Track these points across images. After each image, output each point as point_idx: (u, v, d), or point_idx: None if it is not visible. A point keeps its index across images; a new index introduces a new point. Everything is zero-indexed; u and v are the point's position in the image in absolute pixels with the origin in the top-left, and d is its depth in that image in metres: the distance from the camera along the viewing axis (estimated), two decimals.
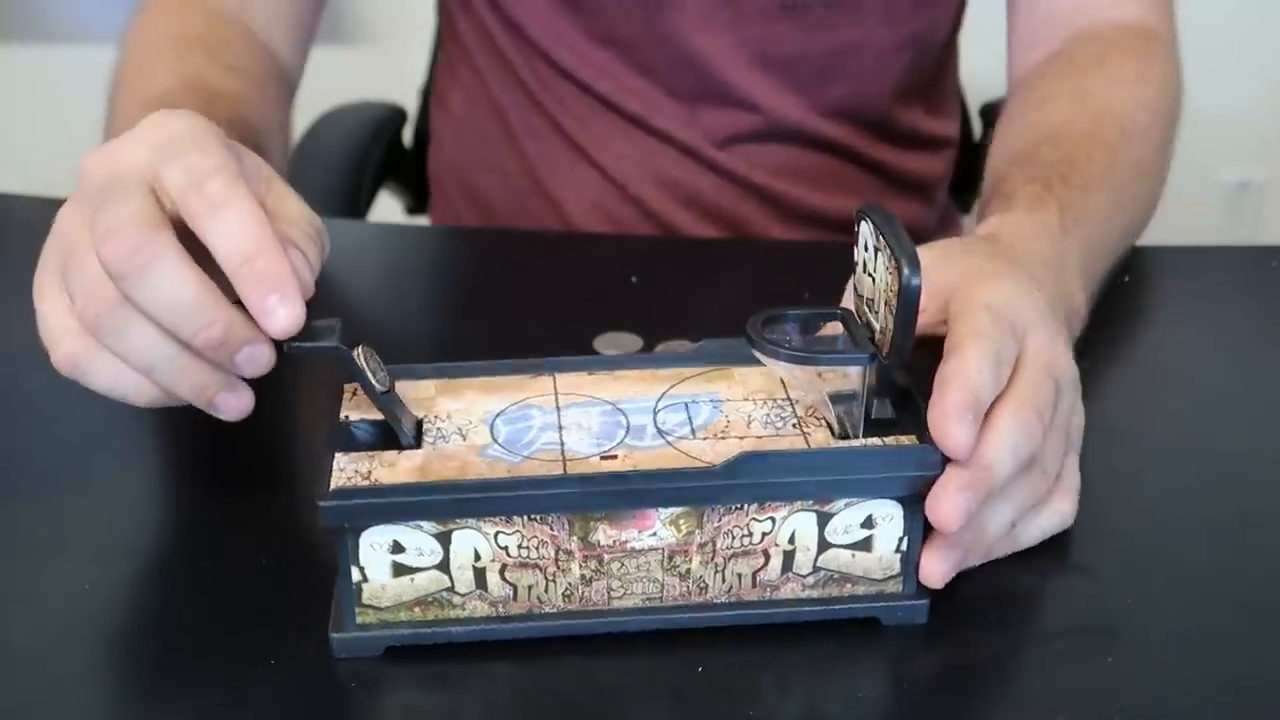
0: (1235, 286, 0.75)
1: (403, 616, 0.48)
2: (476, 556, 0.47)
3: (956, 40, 0.99)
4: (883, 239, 0.47)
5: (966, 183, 1.11)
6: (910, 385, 0.50)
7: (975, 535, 0.50)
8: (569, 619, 0.49)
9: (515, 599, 0.48)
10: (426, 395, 0.52)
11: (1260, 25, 1.79)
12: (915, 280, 0.46)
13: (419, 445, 0.49)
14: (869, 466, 0.48)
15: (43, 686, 0.48)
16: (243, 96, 0.73)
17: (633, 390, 0.52)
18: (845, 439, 0.49)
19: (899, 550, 0.49)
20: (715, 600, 0.49)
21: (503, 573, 0.48)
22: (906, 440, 0.49)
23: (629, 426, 0.50)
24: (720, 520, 0.47)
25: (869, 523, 0.48)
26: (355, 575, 0.47)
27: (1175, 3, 0.85)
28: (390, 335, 0.52)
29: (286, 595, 0.51)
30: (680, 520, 0.47)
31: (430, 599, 0.48)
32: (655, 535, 0.47)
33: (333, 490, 0.46)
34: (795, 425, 0.50)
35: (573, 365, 0.54)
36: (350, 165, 1.09)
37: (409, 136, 1.18)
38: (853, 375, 0.50)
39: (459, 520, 0.47)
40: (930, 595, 0.50)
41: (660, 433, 0.50)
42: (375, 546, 0.47)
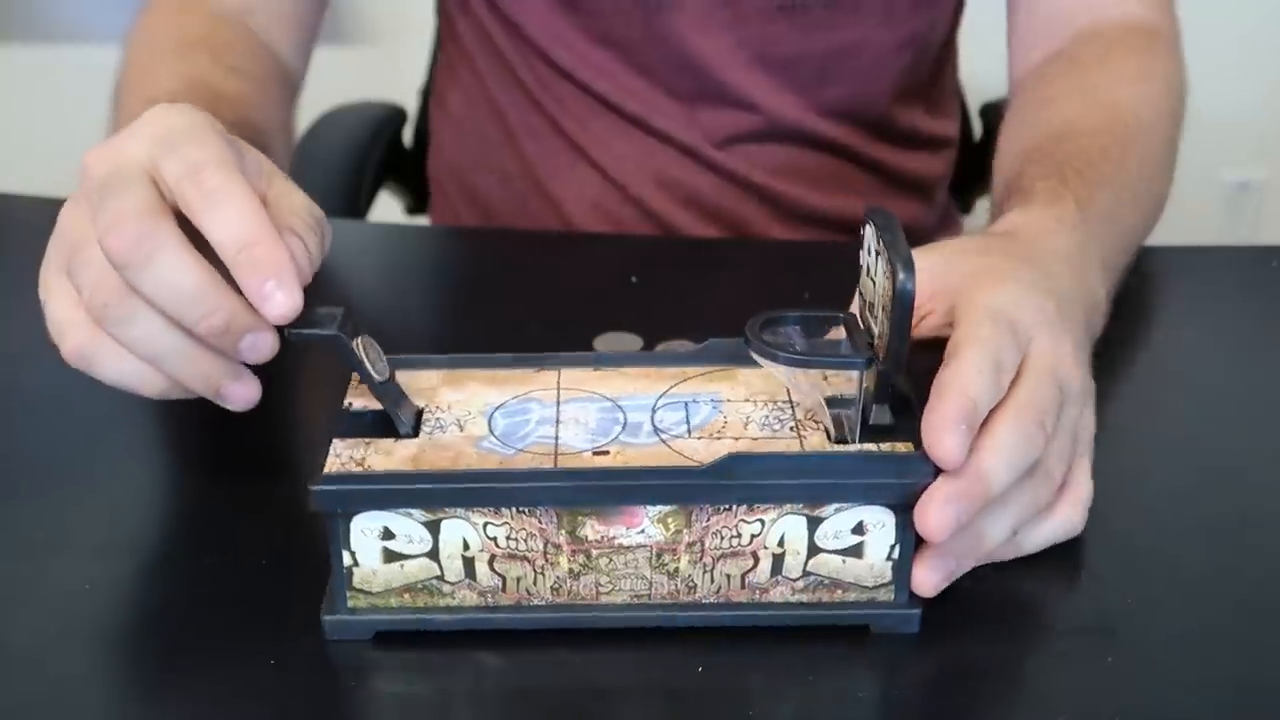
0: (1235, 286, 0.75)
1: (393, 602, 0.49)
2: (465, 546, 0.48)
3: (955, 39, 0.99)
4: (882, 242, 0.47)
5: (967, 183, 1.11)
6: (910, 391, 0.50)
7: (971, 545, 0.50)
8: (557, 612, 0.49)
9: (504, 590, 0.49)
10: (430, 385, 0.53)
11: (1260, 25, 1.79)
12: (909, 285, 0.45)
13: (416, 434, 0.50)
14: (858, 472, 0.47)
15: (43, 686, 0.48)
16: (246, 97, 0.73)
17: (635, 387, 0.52)
18: (842, 444, 0.49)
19: (890, 558, 0.48)
20: (704, 600, 0.49)
21: (491, 563, 0.48)
22: (903, 447, 0.48)
23: (626, 423, 0.50)
24: (709, 520, 0.47)
25: (859, 529, 0.48)
26: (347, 560, 0.48)
27: (1176, 0, 0.85)
28: (390, 335, 0.52)
29: (288, 587, 0.51)
30: (668, 519, 0.47)
31: (420, 586, 0.49)
32: (643, 533, 0.47)
33: (324, 475, 0.47)
34: (793, 429, 0.50)
35: (579, 361, 0.54)
36: (350, 165, 1.09)
37: (409, 136, 1.18)
38: (854, 380, 0.49)
39: (447, 509, 0.47)
40: (923, 605, 0.49)
41: (656, 431, 0.50)
42: (366, 532, 0.48)
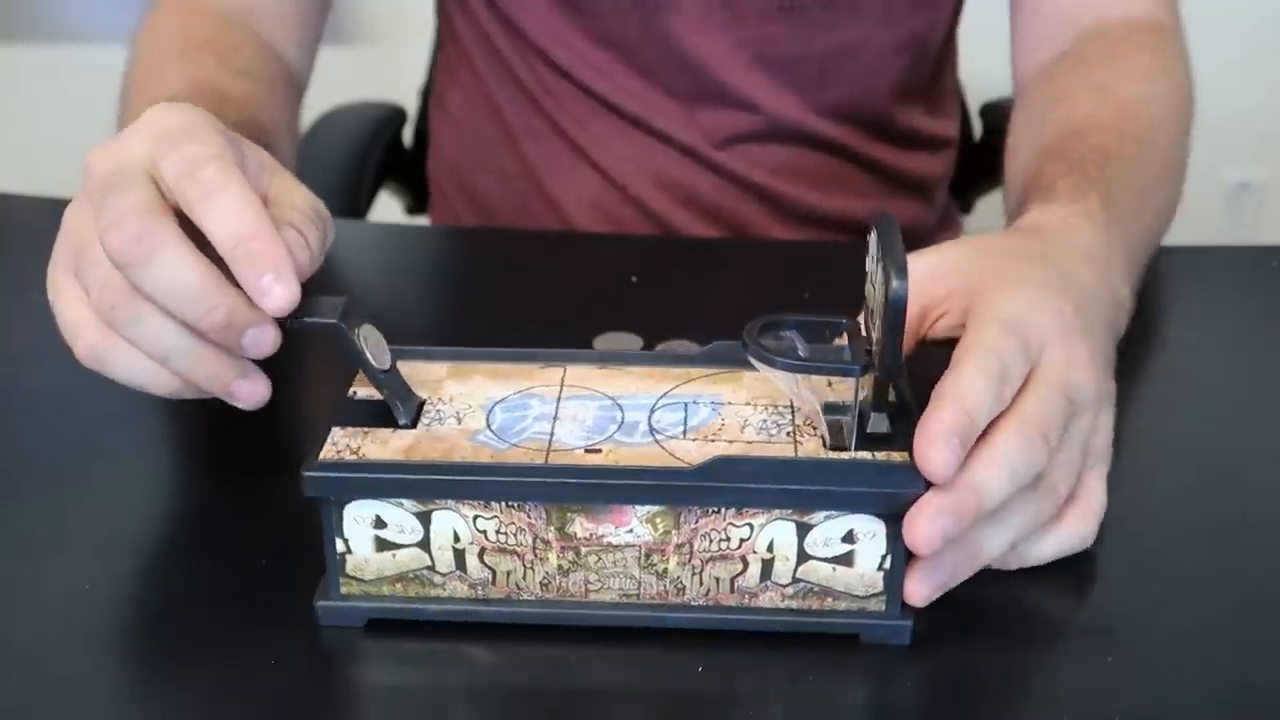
0: (1235, 286, 0.75)
1: (385, 591, 0.49)
2: (456, 538, 0.48)
3: (954, 39, 0.99)
4: (879, 248, 0.47)
5: (966, 183, 1.11)
6: (912, 397, 0.50)
7: (966, 558, 0.49)
8: (547, 607, 0.49)
9: (494, 583, 0.49)
10: (436, 377, 0.53)
11: (1260, 25, 1.79)
12: (902, 291, 0.44)
13: (415, 425, 0.50)
14: (846, 480, 0.47)
15: (43, 686, 0.48)
16: (251, 99, 0.73)
17: (637, 387, 0.52)
18: (840, 451, 0.48)
19: (882, 568, 0.48)
20: (693, 602, 0.49)
21: (482, 556, 0.48)
22: (898, 456, 0.47)
23: (622, 422, 0.50)
24: (697, 522, 0.47)
25: (850, 537, 0.47)
26: (340, 546, 0.49)
27: None
28: (390, 335, 0.52)
29: (289, 585, 0.51)
30: (657, 519, 0.47)
31: (411, 576, 0.49)
32: (632, 532, 0.48)
33: (317, 462, 0.48)
34: (790, 434, 0.49)
35: (586, 358, 0.54)
36: (350, 165, 1.09)
37: (409, 136, 1.18)
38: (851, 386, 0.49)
39: (438, 501, 0.48)
40: (915, 617, 0.49)
41: (652, 430, 0.50)
42: (359, 520, 0.48)
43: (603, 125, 0.91)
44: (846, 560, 0.48)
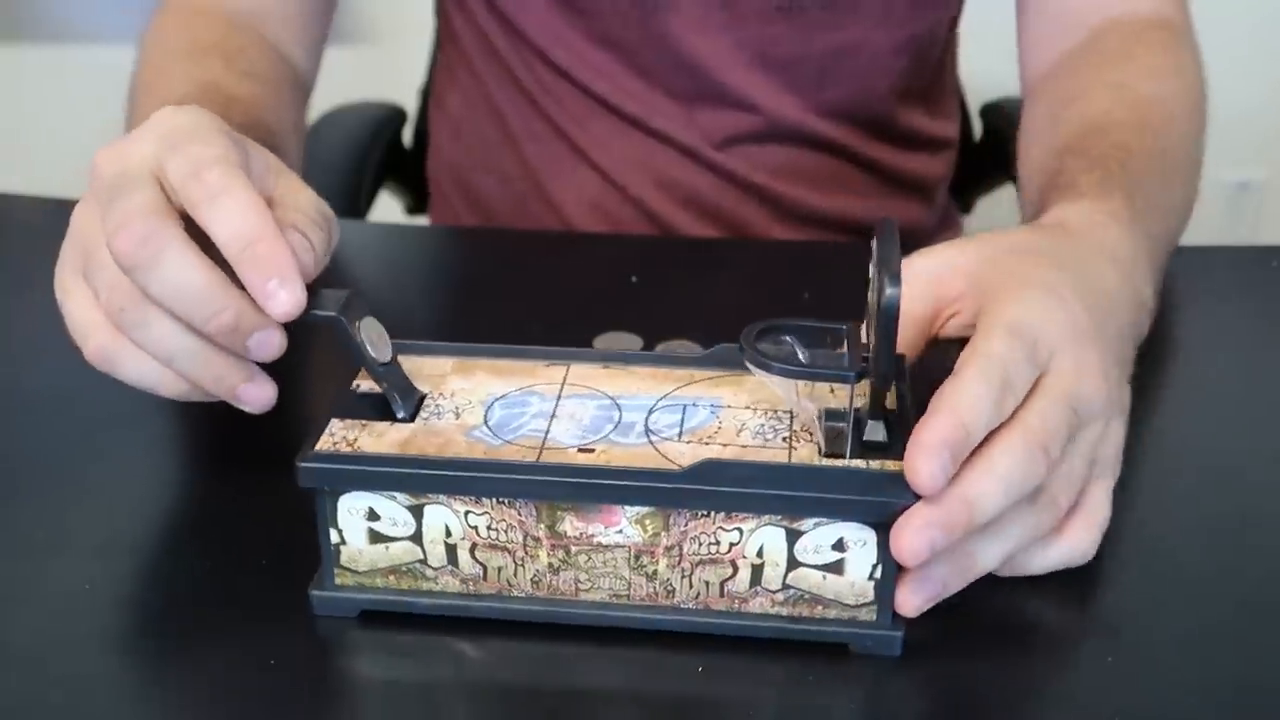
0: (1235, 286, 0.75)
1: (379, 583, 0.50)
2: (448, 533, 0.48)
3: (955, 40, 0.99)
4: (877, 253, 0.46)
5: (967, 183, 1.11)
6: (911, 405, 0.49)
7: (959, 569, 0.48)
8: (537, 605, 0.49)
9: (485, 579, 0.49)
10: (440, 372, 0.53)
11: (1260, 25, 1.79)
12: (895, 298, 0.44)
13: (413, 419, 0.50)
14: (835, 487, 0.46)
15: (43, 686, 0.48)
16: (258, 100, 0.74)
17: (638, 387, 0.52)
18: (836, 458, 0.48)
19: (873, 578, 0.47)
20: (682, 605, 0.49)
21: (473, 551, 0.49)
22: (892, 465, 0.46)
23: (619, 422, 0.50)
24: (686, 525, 0.47)
25: (840, 545, 0.47)
26: (334, 537, 0.49)
27: None
28: (389, 335, 0.52)
29: (291, 584, 0.51)
30: (646, 520, 0.47)
31: (404, 569, 0.49)
32: (621, 532, 0.48)
33: (312, 453, 0.48)
34: (786, 439, 0.49)
35: (590, 357, 0.54)
36: (350, 165, 1.09)
37: (409, 137, 1.18)
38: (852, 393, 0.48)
39: (429, 495, 0.48)
40: (906, 627, 0.48)
41: (647, 431, 0.49)
42: (352, 512, 0.49)
43: (602, 126, 0.91)
44: (836, 568, 0.47)
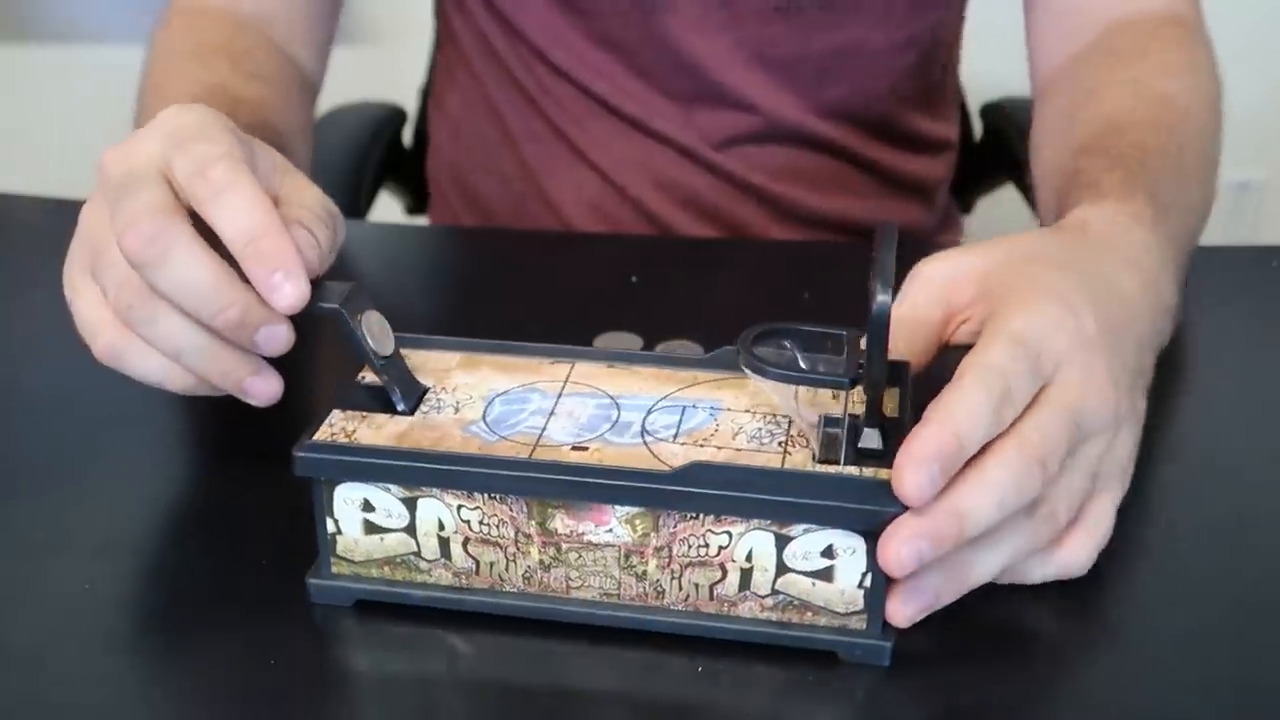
0: (1235, 286, 0.75)
1: (374, 573, 0.50)
2: (441, 526, 0.49)
3: (958, 43, 0.99)
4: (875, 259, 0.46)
5: (967, 183, 1.11)
6: (909, 413, 0.48)
7: (953, 581, 0.47)
8: (528, 600, 0.49)
9: (477, 573, 0.49)
10: (446, 367, 0.54)
11: (1260, 25, 1.79)
12: (885, 306, 0.43)
13: (413, 413, 0.50)
14: (823, 494, 0.45)
15: (43, 686, 0.48)
16: (265, 101, 0.74)
17: (640, 387, 0.52)
18: (830, 464, 0.47)
19: (863, 586, 0.47)
20: (672, 607, 0.49)
21: (466, 545, 0.49)
22: (885, 473, 0.45)
23: (616, 422, 0.50)
24: (676, 526, 0.47)
25: (829, 552, 0.46)
26: (330, 526, 0.50)
27: None
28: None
29: (291, 585, 0.51)
30: (636, 520, 0.47)
31: (399, 560, 0.50)
32: (611, 532, 0.48)
33: (309, 443, 0.48)
34: (781, 444, 0.48)
35: (597, 356, 0.54)
36: (350, 165, 1.09)
37: (409, 137, 1.18)
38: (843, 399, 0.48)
39: (423, 488, 0.48)
40: (896, 637, 0.48)
41: (643, 432, 0.49)
42: (348, 502, 0.49)
43: (601, 126, 0.91)
44: (826, 575, 0.47)
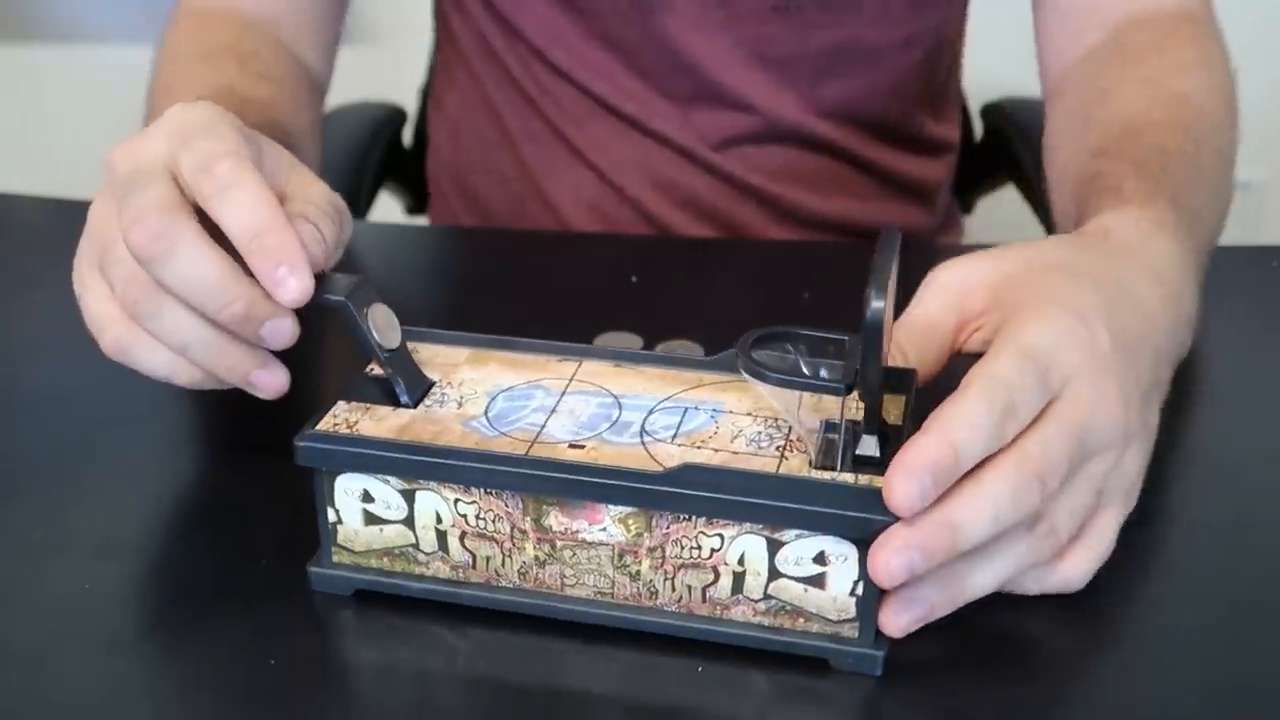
0: (1235, 286, 0.75)
1: (373, 564, 0.51)
2: (438, 519, 0.49)
3: (961, 44, 0.99)
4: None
5: (967, 183, 1.11)
6: (910, 421, 0.48)
7: (949, 592, 0.47)
8: (524, 597, 0.50)
9: (474, 567, 0.50)
10: (454, 361, 0.54)
11: (1260, 25, 1.79)
12: (877, 313, 0.43)
13: (416, 406, 0.51)
14: (813, 500, 0.45)
15: (43, 686, 0.48)
16: (273, 102, 0.74)
17: (644, 387, 0.52)
18: (827, 471, 0.47)
19: (854, 594, 0.47)
20: (665, 608, 0.49)
21: (463, 539, 0.49)
22: (880, 482, 0.45)
23: (616, 421, 0.50)
24: (669, 527, 0.47)
25: (821, 559, 0.46)
26: (331, 516, 0.50)
27: None
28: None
29: (292, 585, 0.52)
30: (629, 520, 0.47)
31: (398, 552, 0.50)
32: (605, 530, 0.48)
33: (311, 432, 0.49)
34: (779, 449, 0.48)
35: (605, 355, 0.55)
36: (350, 165, 1.09)
37: (409, 137, 1.18)
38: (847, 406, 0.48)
39: (420, 481, 0.48)
40: (889, 647, 0.47)
41: (642, 432, 0.49)
42: (348, 492, 0.49)
43: (600, 126, 0.91)
44: (818, 582, 0.47)
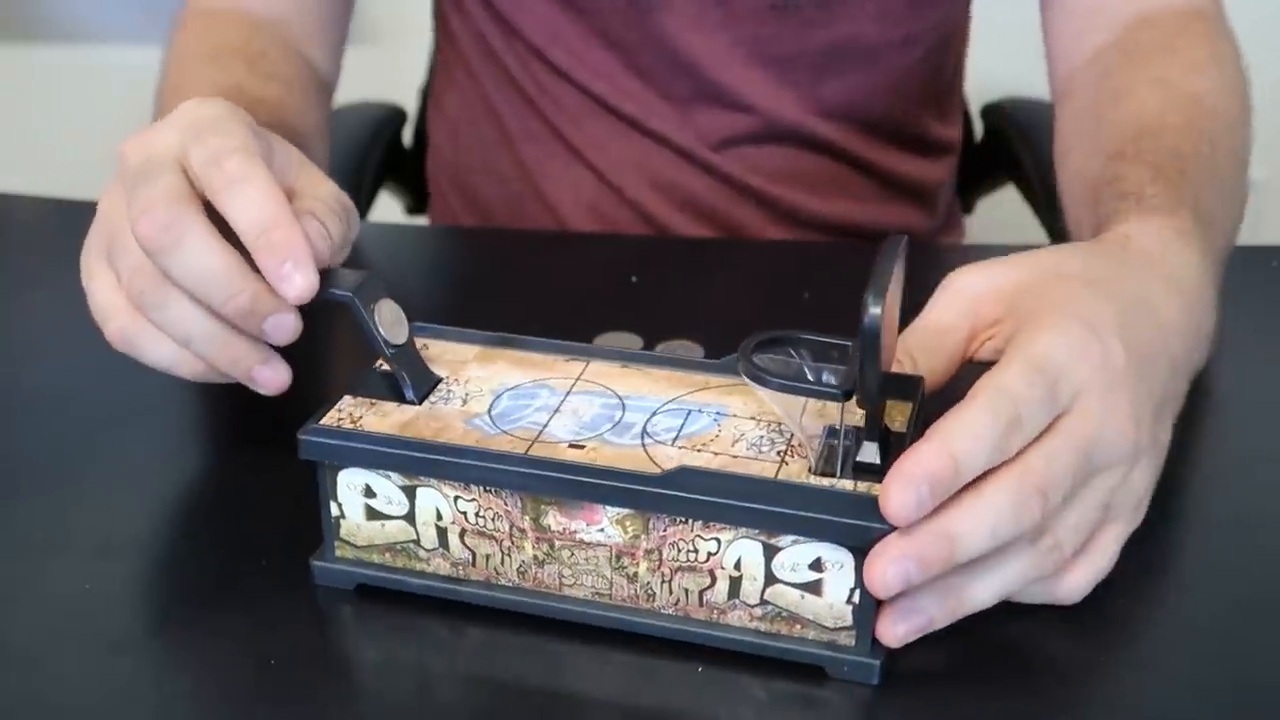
0: (1235, 286, 0.75)
1: (375, 559, 0.51)
2: (439, 516, 0.49)
3: (964, 45, 0.98)
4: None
5: (968, 183, 1.11)
6: (916, 429, 0.48)
7: (948, 603, 0.47)
8: (523, 595, 0.50)
9: (474, 565, 0.50)
10: (463, 359, 0.54)
11: (1260, 25, 1.79)
12: (874, 320, 0.43)
13: (421, 403, 0.51)
14: (809, 506, 0.45)
15: (43, 686, 0.48)
16: (282, 102, 0.74)
17: (649, 388, 0.52)
18: (828, 477, 0.46)
19: (851, 601, 0.46)
20: (662, 610, 0.49)
21: (463, 537, 0.49)
22: (879, 490, 0.44)
23: (618, 422, 0.50)
24: (665, 530, 0.47)
25: (817, 565, 0.46)
26: (334, 510, 0.51)
27: None
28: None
29: (292, 585, 0.52)
30: (626, 521, 0.47)
31: (399, 547, 0.50)
32: (603, 531, 0.48)
33: (314, 426, 0.49)
34: (780, 454, 0.48)
35: (614, 355, 0.55)
36: (350, 165, 1.09)
37: (409, 137, 1.18)
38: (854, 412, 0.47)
39: (421, 477, 0.49)
40: (886, 656, 0.47)
41: (644, 433, 0.49)
42: (351, 487, 0.50)
43: (599, 126, 0.91)
44: (814, 588, 0.47)
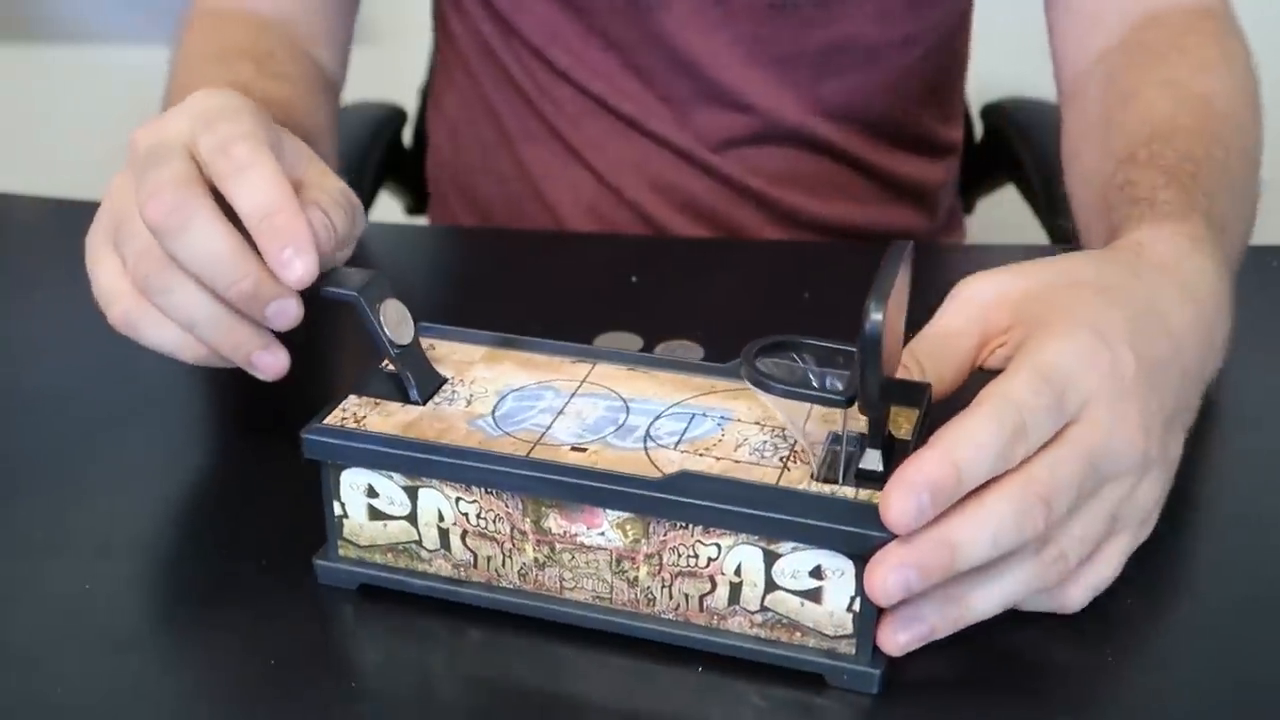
0: (1236, 286, 0.75)
1: (378, 558, 0.51)
2: (441, 517, 0.49)
3: (966, 47, 0.98)
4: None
5: (968, 184, 1.11)
6: (921, 437, 0.47)
7: (950, 613, 0.46)
8: (523, 598, 0.50)
9: (475, 566, 0.50)
10: (469, 360, 0.54)
11: (1260, 25, 1.78)
12: (874, 326, 0.43)
13: (425, 403, 0.51)
14: (808, 513, 0.45)
15: (43, 686, 0.48)
16: (290, 101, 0.75)
17: (654, 391, 0.52)
18: (830, 484, 0.46)
19: (851, 610, 0.46)
20: (663, 615, 0.49)
21: (464, 538, 0.49)
22: (880, 497, 0.44)
23: (622, 425, 0.50)
24: (666, 534, 0.47)
25: (818, 573, 0.46)
26: (337, 509, 0.51)
27: None
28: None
29: (293, 586, 0.52)
30: (627, 525, 0.47)
31: (401, 548, 0.51)
32: (603, 535, 0.48)
33: (318, 425, 0.49)
34: (783, 459, 0.48)
35: (620, 358, 0.55)
36: (350, 165, 1.09)
37: (409, 137, 1.18)
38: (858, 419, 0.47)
39: (423, 478, 0.49)
40: (886, 665, 0.47)
41: (647, 437, 0.49)
42: (354, 487, 0.50)
43: (599, 127, 0.91)
44: (814, 596, 0.46)
